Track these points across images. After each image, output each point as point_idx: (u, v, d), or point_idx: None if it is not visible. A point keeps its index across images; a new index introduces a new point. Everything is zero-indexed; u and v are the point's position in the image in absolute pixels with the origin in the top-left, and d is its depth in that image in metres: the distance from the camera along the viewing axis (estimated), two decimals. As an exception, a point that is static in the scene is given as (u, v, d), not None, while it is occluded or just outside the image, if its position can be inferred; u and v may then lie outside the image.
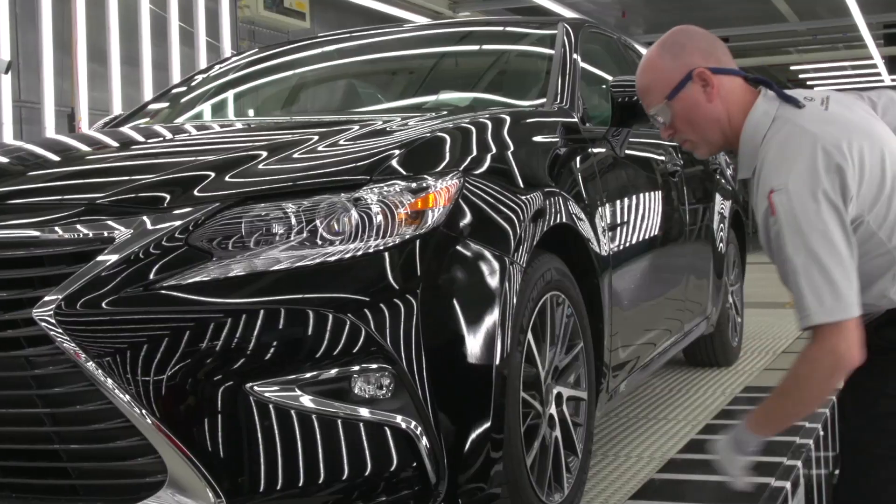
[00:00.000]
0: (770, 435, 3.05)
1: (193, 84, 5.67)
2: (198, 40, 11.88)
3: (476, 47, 5.59)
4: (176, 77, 11.10)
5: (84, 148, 4.05)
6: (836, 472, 4.71)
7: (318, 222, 2.98)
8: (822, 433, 4.75)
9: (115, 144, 4.09)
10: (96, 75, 10.57)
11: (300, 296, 2.90)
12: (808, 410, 3.06)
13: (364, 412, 2.91)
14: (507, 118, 3.86)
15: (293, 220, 2.98)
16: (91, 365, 2.81)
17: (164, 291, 2.87)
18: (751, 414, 3.07)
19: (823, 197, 2.73)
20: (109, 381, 2.81)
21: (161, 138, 4.23)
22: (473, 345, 3.09)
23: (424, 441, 2.94)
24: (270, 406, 2.84)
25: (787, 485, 4.03)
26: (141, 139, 4.22)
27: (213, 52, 11.81)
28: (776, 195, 2.78)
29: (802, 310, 2.78)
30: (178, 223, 2.97)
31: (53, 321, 2.84)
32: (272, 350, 2.85)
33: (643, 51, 6.83)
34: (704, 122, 3.05)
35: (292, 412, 2.85)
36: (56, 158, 3.80)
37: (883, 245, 2.82)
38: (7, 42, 9.46)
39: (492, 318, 3.14)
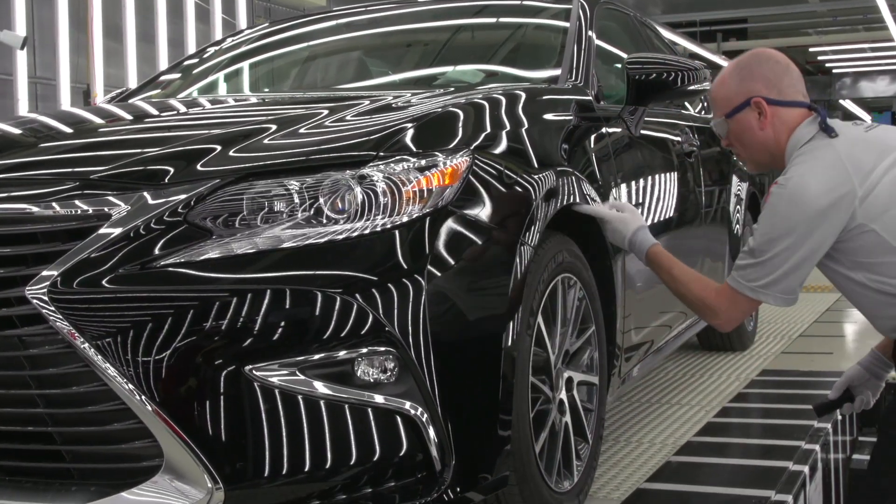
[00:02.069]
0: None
1: (205, 56, 5.60)
2: (213, 17, 11.86)
3: (489, 21, 5.49)
4: (191, 53, 11.07)
5: (89, 121, 3.98)
6: (854, 456, 4.69)
7: (321, 200, 2.90)
8: (839, 417, 4.69)
9: (123, 117, 4.03)
10: (112, 52, 10.55)
11: (302, 275, 2.82)
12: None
13: (369, 397, 2.82)
14: (520, 94, 3.77)
15: (296, 198, 2.90)
16: (85, 345, 2.73)
17: (161, 270, 2.79)
18: (656, 259, 3.54)
19: (817, 205, 3.09)
20: (103, 361, 2.73)
21: (168, 112, 4.16)
22: (481, 327, 3.02)
23: (429, 427, 2.86)
24: (270, 389, 2.75)
25: (806, 469, 4.00)
26: (149, 112, 4.15)
27: (228, 29, 11.79)
28: (776, 187, 3.18)
29: (738, 272, 3.27)
30: (176, 199, 2.89)
31: (46, 299, 2.76)
32: (273, 331, 2.76)
33: (661, 30, 6.77)
34: (753, 144, 3.39)
35: (294, 396, 2.77)
36: (60, 132, 3.73)
37: None
38: (23, 18, 9.45)
39: (501, 299, 3.07)
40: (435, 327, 2.87)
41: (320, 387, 2.79)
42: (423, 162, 3.04)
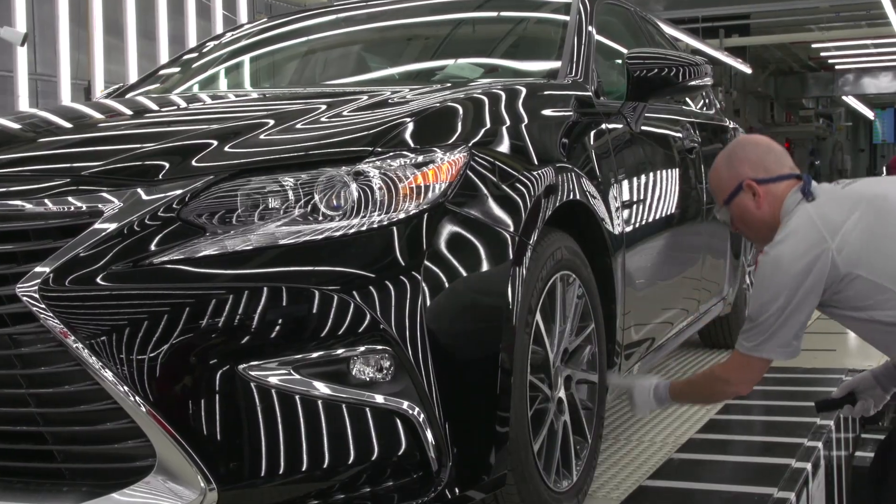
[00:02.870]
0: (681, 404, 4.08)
1: (205, 51, 5.57)
2: (214, 13, 11.81)
3: (488, 15, 5.46)
4: (191, 51, 11.04)
5: (85, 116, 3.95)
6: (857, 453, 4.67)
7: (317, 197, 2.87)
8: (842, 415, 4.66)
9: (119, 113, 3.99)
10: (112, 48, 10.50)
11: (298, 272, 2.78)
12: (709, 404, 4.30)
13: (368, 397, 2.79)
14: (520, 90, 3.74)
15: (291, 195, 2.87)
16: (77, 344, 2.70)
17: (154, 267, 2.75)
18: (676, 387, 3.81)
19: (796, 268, 3.31)
20: (96, 361, 2.69)
21: (165, 107, 4.13)
22: (479, 325, 2.99)
23: (426, 427, 2.83)
24: (265, 388, 2.72)
25: (808, 466, 3.98)
26: (145, 107, 4.11)
27: (229, 25, 11.72)
28: (762, 256, 3.47)
29: (741, 337, 3.50)
30: (170, 195, 2.85)
31: (37, 297, 2.72)
32: (268, 329, 2.72)
33: (663, 26, 6.73)
34: (755, 224, 3.61)
35: (289, 395, 2.74)
36: (54, 127, 3.70)
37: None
38: (23, 14, 9.39)
39: (499, 297, 3.03)
40: (432, 325, 2.83)
41: (317, 386, 2.75)
42: (420, 158, 3.00)
